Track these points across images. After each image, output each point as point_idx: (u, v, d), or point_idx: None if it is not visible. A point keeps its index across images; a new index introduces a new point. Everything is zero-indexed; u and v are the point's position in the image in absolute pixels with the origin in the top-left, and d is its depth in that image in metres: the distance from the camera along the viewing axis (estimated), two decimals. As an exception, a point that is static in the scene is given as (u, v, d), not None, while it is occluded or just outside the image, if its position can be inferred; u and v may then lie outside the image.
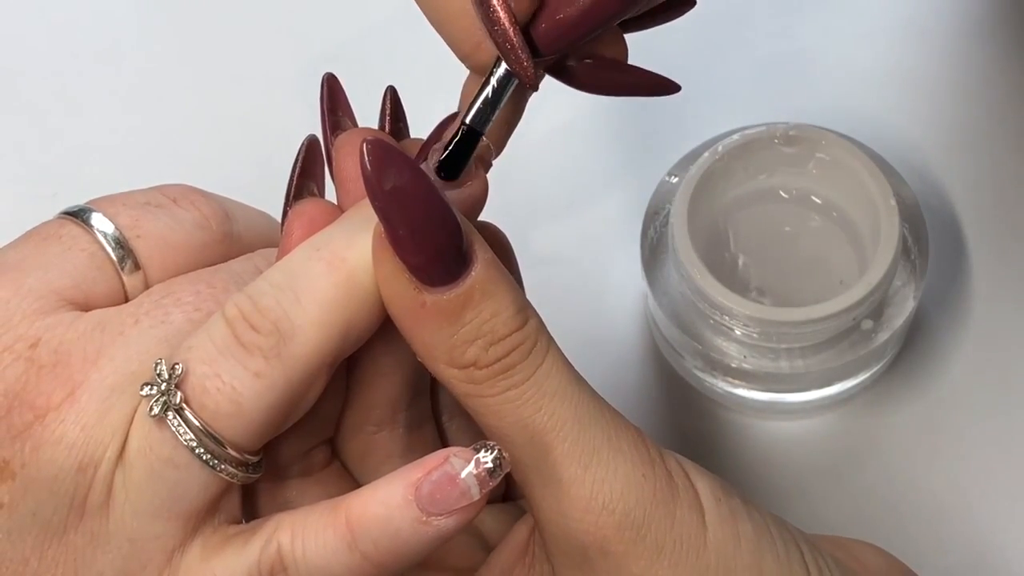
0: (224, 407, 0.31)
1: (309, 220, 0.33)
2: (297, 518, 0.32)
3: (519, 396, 0.32)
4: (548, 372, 0.32)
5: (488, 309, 0.31)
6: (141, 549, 0.32)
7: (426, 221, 0.31)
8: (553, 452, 0.32)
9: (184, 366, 0.31)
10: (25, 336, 0.32)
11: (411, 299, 0.31)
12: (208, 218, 0.36)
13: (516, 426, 0.32)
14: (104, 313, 0.33)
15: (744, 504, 0.33)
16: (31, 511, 0.32)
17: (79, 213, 0.35)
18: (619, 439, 0.32)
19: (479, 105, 0.32)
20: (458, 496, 0.30)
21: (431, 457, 0.31)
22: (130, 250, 0.34)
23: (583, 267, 0.53)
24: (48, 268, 0.34)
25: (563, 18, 0.31)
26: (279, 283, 0.32)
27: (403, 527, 0.31)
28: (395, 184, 0.30)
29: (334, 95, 0.36)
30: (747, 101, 0.55)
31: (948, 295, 0.51)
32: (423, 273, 0.31)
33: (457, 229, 0.31)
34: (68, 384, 0.32)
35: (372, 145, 0.30)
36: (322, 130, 0.36)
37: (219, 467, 0.32)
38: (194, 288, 0.34)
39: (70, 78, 0.58)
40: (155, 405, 0.31)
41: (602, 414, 0.32)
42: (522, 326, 0.32)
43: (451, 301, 0.31)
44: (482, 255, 0.31)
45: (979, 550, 0.47)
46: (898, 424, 0.49)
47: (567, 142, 0.55)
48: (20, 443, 0.31)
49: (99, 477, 0.32)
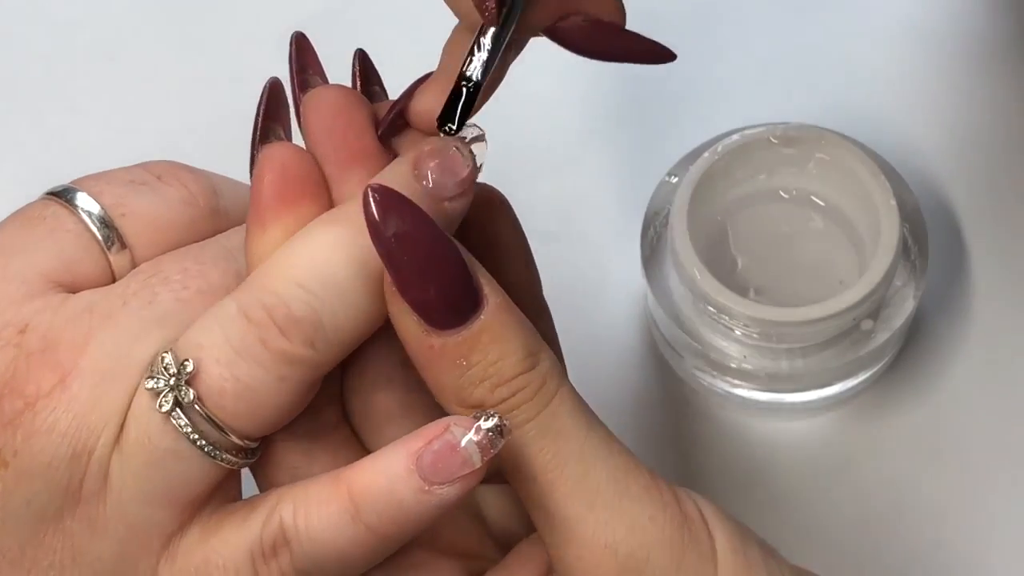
0: (242, 408, 0.31)
1: (281, 166, 0.33)
2: (298, 492, 0.32)
3: (523, 436, 0.32)
4: (555, 413, 0.32)
5: (495, 352, 0.32)
6: (139, 535, 0.32)
7: (430, 266, 0.31)
8: (557, 491, 0.32)
9: (195, 364, 0.31)
10: (13, 322, 0.32)
11: (419, 341, 0.32)
12: (194, 194, 0.35)
13: (520, 464, 0.32)
14: (92, 295, 0.33)
15: (763, 554, 0.33)
16: (25, 500, 0.32)
17: (63, 193, 0.34)
18: (628, 480, 0.32)
19: (484, 56, 0.32)
20: (460, 465, 0.30)
21: (431, 426, 0.31)
22: (116, 229, 0.34)
23: (583, 267, 0.53)
24: (33, 250, 0.33)
25: None
26: (313, 289, 0.31)
27: (406, 497, 0.31)
28: (398, 230, 0.30)
29: (303, 54, 0.36)
30: (747, 101, 0.55)
31: (948, 295, 0.51)
32: (429, 317, 0.31)
33: (463, 273, 0.31)
34: (58, 370, 0.31)
35: (377, 191, 0.31)
36: (291, 88, 0.36)
37: (221, 456, 0.32)
38: (181, 266, 0.33)
39: (70, 78, 0.58)
40: (164, 401, 0.31)
41: (611, 455, 0.32)
42: (530, 368, 0.32)
43: (458, 344, 0.31)
44: (492, 298, 0.32)
45: (979, 550, 0.47)
46: (898, 424, 0.49)
47: (567, 142, 0.55)
48: (11, 431, 0.31)
49: (94, 464, 0.31)
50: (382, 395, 0.35)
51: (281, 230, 0.33)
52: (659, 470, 0.32)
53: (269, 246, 0.33)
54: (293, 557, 0.32)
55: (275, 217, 0.33)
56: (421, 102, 0.34)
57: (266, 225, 0.33)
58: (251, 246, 0.33)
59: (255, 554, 0.32)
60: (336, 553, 0.32)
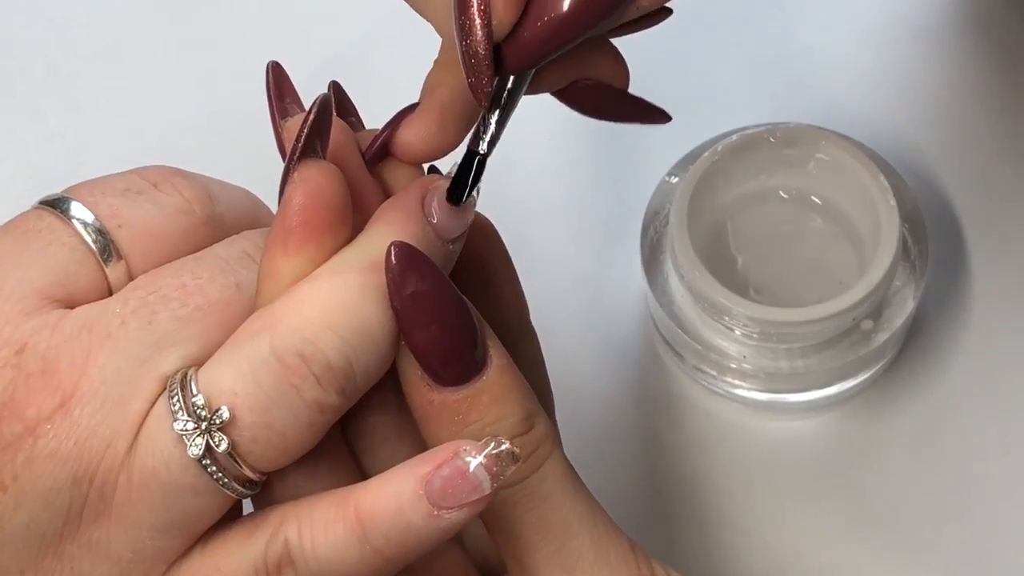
0: (270, 453, 0.32)
1: (316, 190, 0.33)
2: (302, 511, 0.32)
3: (511, 496, 0.33)
4: (544, 477, 0.33)
5: (493, 413, 0.32)
6: (145, 560, 0.32)
7: (442, 328, 0.32)
8: (538, 554, 0.33)
9: (231, 411, 0.31)
10: (11, 341, 0.32)
11: (421, 395, 0.32)
12: (190, 202, 0.35)
13: (505, 523, 0.33)
14: (89, 311, 0.32)
15: None
16: (24, 523, 0.31)
17: (57, 203, 0.34)
18: (607, 550, 0.33)
19: (491, 131, 0.33)
20: (470, 491, 0.31)
21: (440, 450, 0.31)
22: (111, 241, 0.33)
23: (583, 267, 0.53)
24: (28, 266, 0.33)
25: (535, 35, 0.31)
26: (347, 338, 0.31)
27: (414, 521, 0.31)
28: (416, 289, 0.31)
29: (280, 83, 0.36)
30: (747, 101, 0.55)
31: (948, 295, 0.51)
32: (434, 373, 0.32)
33: (472, 334, 0.32)
34: (58, 393, 0.31)
35: (398, 248, 0.31)
36: (271, 117, 0.36)
37: (236, 490, 0.32)
38: (179, 281, 0.33)
39: (70, 77, 0.58)
40: (195, 446, 0.31)
41: (595, 523, 0.33)
42: (525, 432, 0.33)
43: (458, 402, 0.32)
44: (496, 359, 0.32)
45: (979, 550, 0.47)
46: (898, 424, 0.49)
47: (567, 142, 0.55)
48: (11, 455, 0.31)
49: (95, 489, 0.31)
50: (378, 418, 0.35)
51: (303, 259, 0.33)
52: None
53: (288, 274, 0.33)
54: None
55: (300, 244, 0.33)
56: (405, 135, 0.35)
57: (289, 249, 0.33)
58: (269, 265, 0.33)
59: (259, 572, 0.32)
60: (341, 573, 0.32)
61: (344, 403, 0.32)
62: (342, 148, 0.34)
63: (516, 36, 0.31)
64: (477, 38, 0.30)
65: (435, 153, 0.35)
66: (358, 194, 0.34)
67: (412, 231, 0.33)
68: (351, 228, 0.34)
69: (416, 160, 0.36)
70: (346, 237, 0.33)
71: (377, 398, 0.35)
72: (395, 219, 0.33)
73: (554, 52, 0.31)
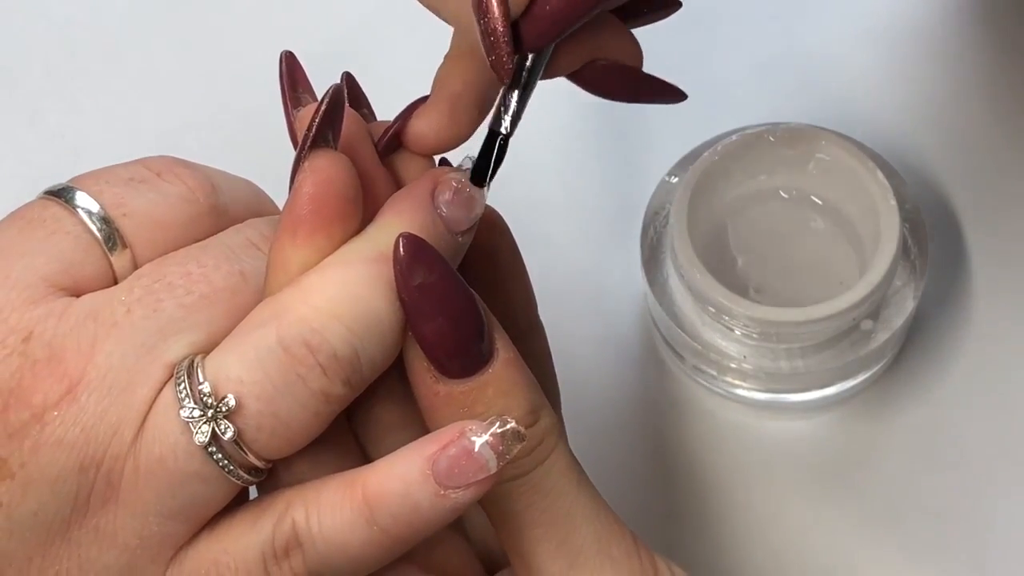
0: (275, 442, 0.32)
1: (327, 179, 0.33)
2: (309, 494, 0.32)
3: (515, 489, 0.33)
4: (548, 471, 0.33)
5: (498, 406, 0.32)
6: (152, 546, 0.32)
7: (449, 320, 0.32)
8: (541, 547, 0.33)
9: (237, 400, 0.31)
10: (17, 329, 0.32)
11: (427, 386, 0.33)
12: (194, 191, 0.35)
13: (508, 515, 0.33)
14: (94, 299, 0.33)
15: None
16: (32, 511, 0.32)
17: (62, 193, 0.34)
18: (610, 543, 0.33)
19: (512, 109, 0.33)
20: (476, 470, 0.31)
21: (446, 430, 0.31)
22: (116, 229, 0.33)
23: (583, 267, 0.53)
24: (34, 254, 0.33)
25: (550, 10, 0.31)
26: (354, 328, 0.32)
27: (421, 501, 0.31)
28: (424, 280, 0.31)
29: (293, 72, 0.36)
30: (747, 101, 0.55)
31: (948, 295, 0.51)
32: (440, 365, 0.32)
33: (479, 327, 0.32)
34: (64, 380, 0.31)
35: (406, 239, 0.31)
36: (284, 107, 0.36)
37: (242, 477, 0.32)
38: (184, 269, 0.33)
39: (70, 77, 0.58)
40: (200, 433, 0.31)
41: (597, 516, 0.33)
42: (531, 425, 0.33)
43: (464, 394, 0.32)
44: (503, 353, 0.33)
45: (979, 550, 0.47)
46: (898, 424, 0.49)
47: (567, 142, 0.55)
48: (18, 442, 0.31)
49: (102, 476, 0.31)
50: (383, 406, 0.35)
51: (312, 249, 0.33)
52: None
53: (297, 263, 0.33)
54: (306, 558, 0.32)
55: (309, 234, 0.33)
56: (417, 126, 0.35)
57: (298, 238, 0.33)
58: (278, 253, 0.33)
59: (267, 555, 0.32)
60: (349, 554, 0.32)
61: (350, 393, 0.32)
62: (354, 138, 0.35)
63: (532, 12, 0.31)
64: (495, 15, 0.31)
65: (446, 144, 0.35)
66: (369, 185, 0.34)
67: (421, 223, 0.33)
68: (361, 218, 0.34)
69: (427, 151, 0.36)
70: (355, 227, 0.33)
71: (383, 388, 0.35)
72: (405, 210, 0.33)
73: (570, 26, 0.31)
